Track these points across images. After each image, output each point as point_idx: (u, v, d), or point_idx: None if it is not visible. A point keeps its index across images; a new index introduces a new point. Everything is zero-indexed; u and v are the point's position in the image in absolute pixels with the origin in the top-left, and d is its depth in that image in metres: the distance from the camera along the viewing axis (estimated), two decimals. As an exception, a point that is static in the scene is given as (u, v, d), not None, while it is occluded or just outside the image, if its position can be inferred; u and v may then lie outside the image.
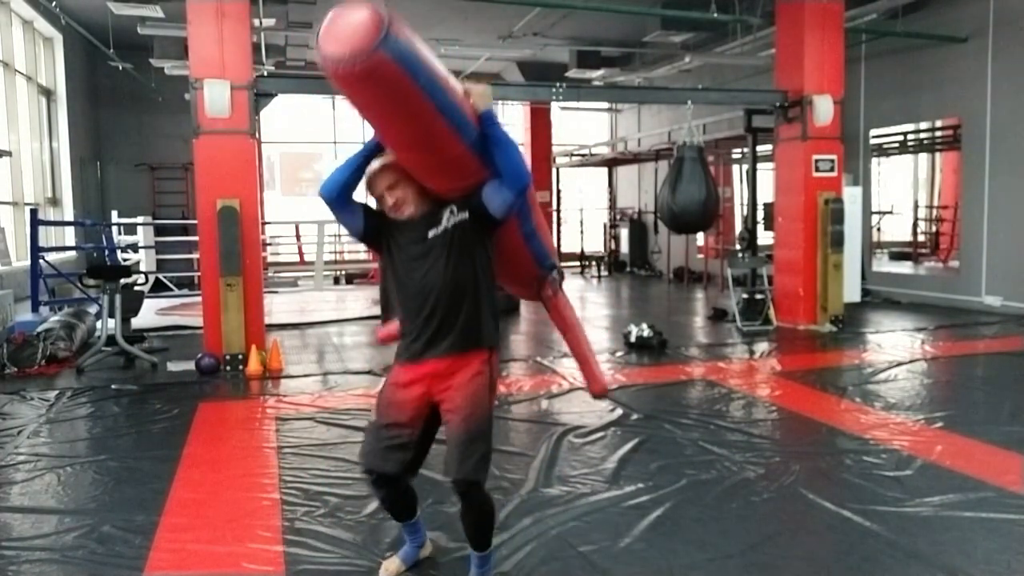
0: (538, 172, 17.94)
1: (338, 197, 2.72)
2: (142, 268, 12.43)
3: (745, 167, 11.85)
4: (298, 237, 16.29)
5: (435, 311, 2.66)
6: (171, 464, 4.34)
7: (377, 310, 7.38)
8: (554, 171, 17.87)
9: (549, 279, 3.05)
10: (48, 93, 12.52)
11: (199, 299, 7.48)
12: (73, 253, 11.42)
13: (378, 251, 2.82)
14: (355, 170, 2.70)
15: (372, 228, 2.77)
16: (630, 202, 17.41)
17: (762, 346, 7.83)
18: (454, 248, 2.64)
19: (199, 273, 7.62)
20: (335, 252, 16.78)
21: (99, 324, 7.37)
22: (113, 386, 6.27)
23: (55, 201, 12.64)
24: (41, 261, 8.91)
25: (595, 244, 18.10)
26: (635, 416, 5.19)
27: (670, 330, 8.28)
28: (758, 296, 9.27)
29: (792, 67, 8.92)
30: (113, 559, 3.17)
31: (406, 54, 2.23)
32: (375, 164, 2.66)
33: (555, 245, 3.23)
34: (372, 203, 2.81)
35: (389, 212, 2.70)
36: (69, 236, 11.47)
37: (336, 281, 14.81)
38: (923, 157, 16.57)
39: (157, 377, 6.71)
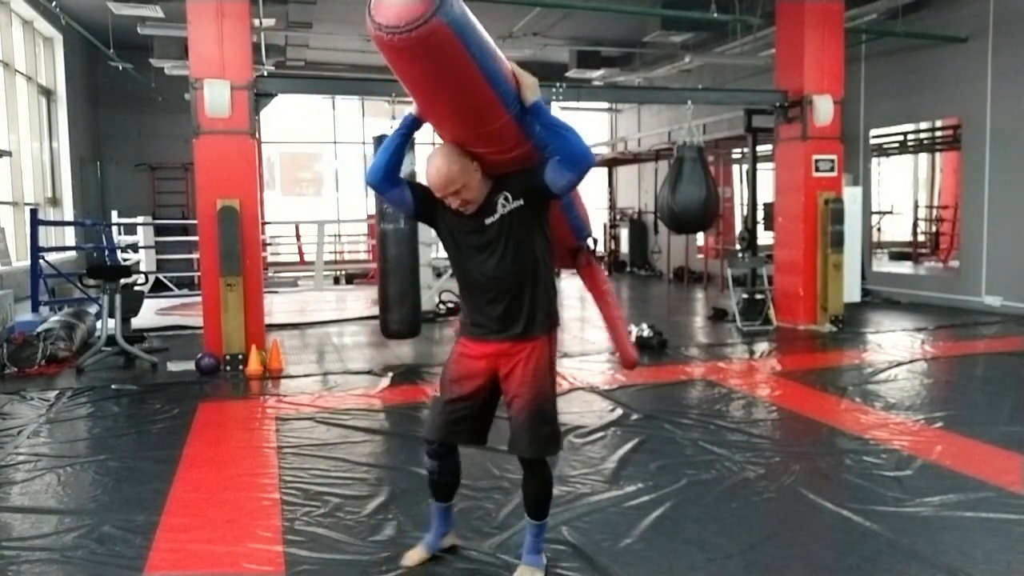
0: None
1: (382, 181, 2.75)
2: (142, 268, 12.44)
3: (745, 167, 11.85)
4: (298, 237, 16.29)
5: (496, 299, 2.74)
6: (171, 464, 4.34)
7: (377, 310, 7.36)
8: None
9: (585, 249, 3.26)
10: (48, 93, 12.52)
11: (199, 299, 7.48)
12: (73, 253, 11.42)
13: (433, 227, 2.85)
14: (395, 151, 2.73)
15: (423, 207, 2.80)
16: (630, 202, 17.41)
17: (762, 346, 7.83)
18: (512, 236, 2.69)
19: (199, 273, 7.62)
20: (335, 252, 16.78)
21: (99, 324, 7.37)
22: (113, 386, 6.26)
23: (55, 201, 12.64)
24: (41, 261, 8.91)
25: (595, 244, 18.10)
26: (635, 416, 5.19)
27: (670, 330, 8.28)
28: (758, 296, 9.27)
29: (792, 67, 8.92)
30: (113, 559, 3.16)
31: (460, 21, 2.21)
32: (438, 168, 2.61)
33: (588, 216, 3.32)
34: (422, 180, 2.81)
35: (455, 208, 2.72)
36: (69, 236, 11.47)
37: (336, 281, 14.80)
38: (923, 157, 16.57)
39: (157, 377, 6.71)
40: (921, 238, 16.01)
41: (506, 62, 2.58)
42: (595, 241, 3.60)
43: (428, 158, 2.68)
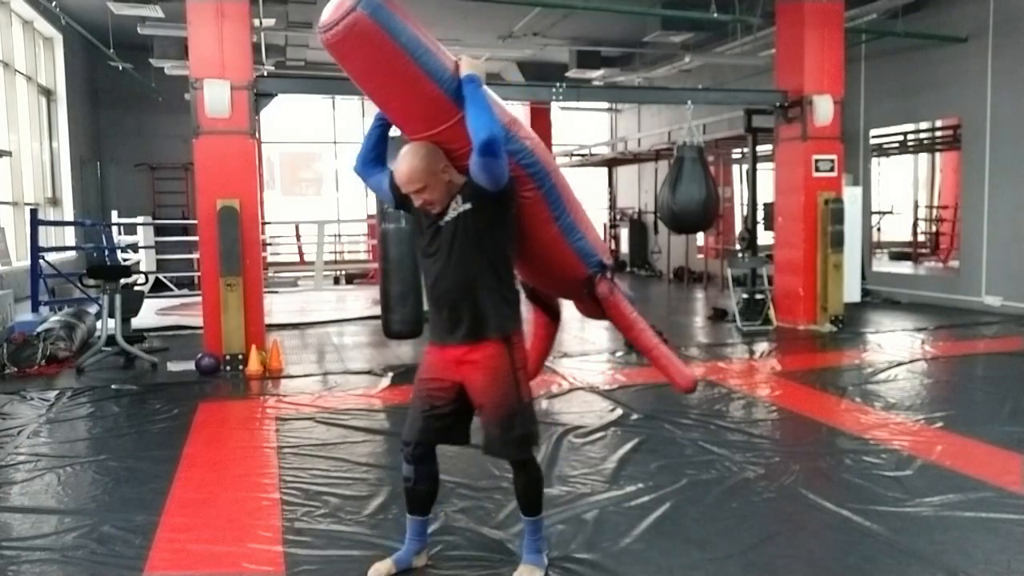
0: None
1: (361, 168, 2.86)
2: (142, 268, 12.45)
3: (745, 167, 11.85)
4: (298, 237, 16.29)
5: (445, 301, 2.72)
6: (171, 464, 4.34)
7: (377, 310, 7.37)
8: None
9: (600, 277, 2.92)
10: (48, 93, 12.52)
11: (199, 299, 7.48)
12: (73, 253, 11.42)
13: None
14: (372, 139, 2.82)
15: (400, 195, 2.79)
16: (630, 202, 17.41)
17: (762, 346, 7.83)
18: (458, 239, 2.65)
19: (199, 273, 7.62)
20: (335, 252, 16.78)
21: (99, 324, 7.37)
22: (113, 386, 6.26)
23: (55, 201, 12.64)
24: (41, 261, 8.91)
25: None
26: (635, 416, 5.19)
27: (670, 330, 8.27)
28: (758, 296, 9.27)
29: (792, 67, 8.92)
30: (113, 559, 3.16)
31: (383, 13, 2.39)
32: (401, 165, 2.63)
33: (604, 242, 3.11)
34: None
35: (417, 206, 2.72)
36: (69, 236, 11.47)
37: (336, 281, 14.80)
38: (923, 157, 16.57)
39: (157, 377, 6.71)
40: (921, 238, 16.01)
41: (450, 58, 2.59)
42: (611, 269, 3.03)
43: (400, 154, 2.68)
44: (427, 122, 2.60)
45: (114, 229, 12.28)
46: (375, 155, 2.82)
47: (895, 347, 7.57)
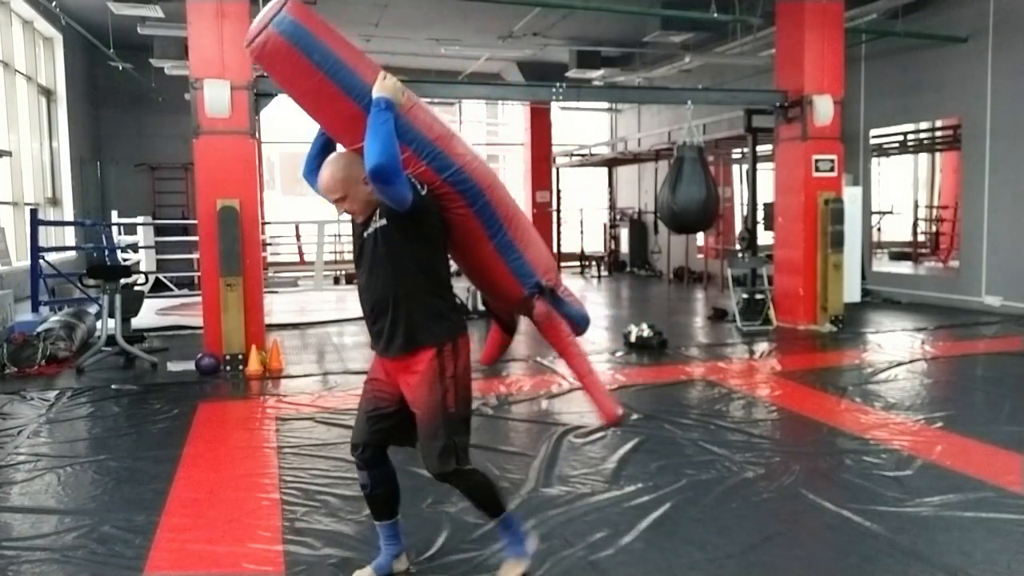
0: (538, 172, 17.97)
1: (307, 175, 2.92)
2: (142, 268, 12.44)
3: (745, 167, 11.85)
4: (298, 237, 16.29)
5: (372, 312, 2.73)
6: (171, 464, 4.34)
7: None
8: (554, 171, 17.87)
9: (538, 298, 2.85)
10: (48, 93, 12.52)
11: (199, 299, 7.48)
12: (73, 253, 11.42)
13: None
14: (318, 148, 2.90)
15: None
16: (630, 202, 17.41)
17: (762, 346, 7.83)
18: (379, 253, 2.65)
19: (199, 273, 7.62)
20: (335, 252, 16.77)
21: (99, 324, 7.37)
22: (113, 386, 6.27)
23: (55, 201, 12.64)
24: (41, 261, 8.90)
25: (595, 244, 18.10)
26: (635, 416, 5.19)
27: (670, 330, 8.28)
28: (758, 296, 9.27)
29: (792, 67, 8.92)
30: (113, 559, 3.17)
31: (294, 32, 2.50)
32: (323, 174, 2.66)
33: (550, 258, 3.00)
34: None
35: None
36: (69, 236, 11.47)
37: (336, 281, 14.80)
38: (923, 157, 16.57)
39: (157, 377, 6.71)
40: (921, 238, 16.01)
41: (376, 73, 2.61)
42: (548, 292, 2.92)
43: (324, 162, 2.72)
44: (351, 137, 2.63)
45: (114, 229, 12.27)
46: (319, 163, 2.81)
47: (895, 347, 7.57)
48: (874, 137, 12.02)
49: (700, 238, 14.30)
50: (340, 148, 2.83)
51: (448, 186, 2.67)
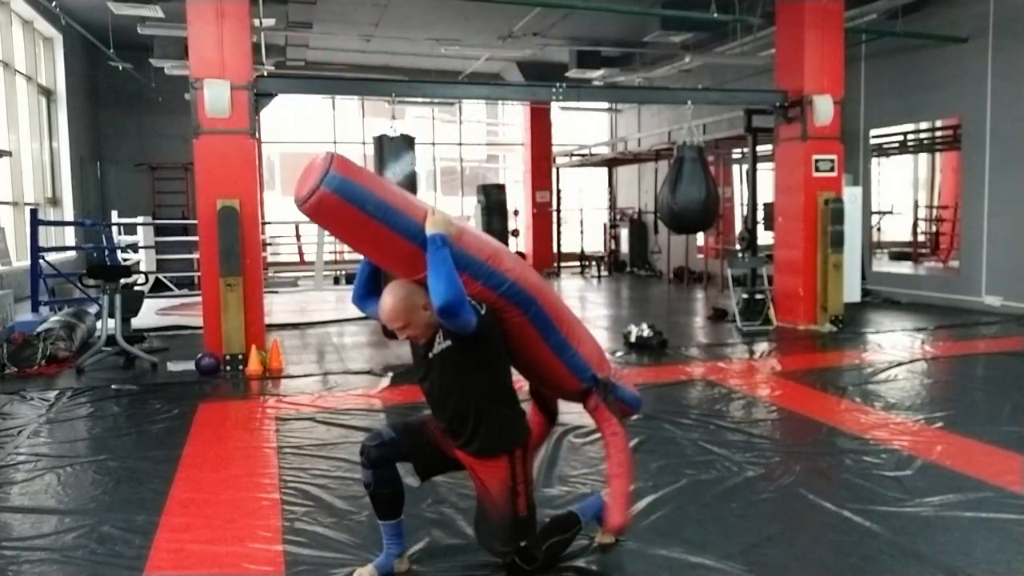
0: (538, 172, 17.98)
1: (359, 302, 3.02)
2: (142, 268, 12.44)
3: (745, 167, 11.85)
4: (298, 237, 16.27)
5: (443, 419, 2.85)
6: (171, 464, 4.34)
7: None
8: (554, 171, 17.88)
9: (593, 391, 3.07)
10: (48, 93, 12.52)
11: (199, 299, 7.48)
12: (73, 253, 11.42)
13: None
14: (367, 276, 2.96)
15: None
16: (630, 202, 17.41)
17: (762, 346, 7.83)
18: (445, 373, 2.76)
19: (199, 273, 7.62)
20: (335, 252, 16.77)
21: (99, 324, 7.37)
22: (113, 386, 6.26)
23: (55, 201, 12.64)
24: (41, 261, 8.91)
25: (595, 244, 18.10)
26: (635, 416, 5.17)
27: (670, 330, 8.28)
28: (758, 296, 9.27)
29: (792, 67, 8.92)
30: (113, 559, 3.17)
31: (344, 189, 2.56)
32: (384, 303, 2.72)
33: (601, 350, 3.27)
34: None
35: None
36: (69, 236, 11.47)
37: (336, 281, 14.79)
38: (923, 157, 16.57)
39: (157, 377, 6.71)
40: (921, 238, 16.01)
41: (421, 209, 2.71)
42: (603, 384, 3.17)
43: (384, 290, 2.79)
44: (407, 271, 2.73)
45: (114, 229, 12.27)
46: (369, 289, 2.96)
47: (895, 347, 7.57)
48: (874, 137, 12.02)
49: (700, 238, 14.29)
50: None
51: (504, 300, 2.80)
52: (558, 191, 17.83)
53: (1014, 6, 9.24)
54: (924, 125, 13.71)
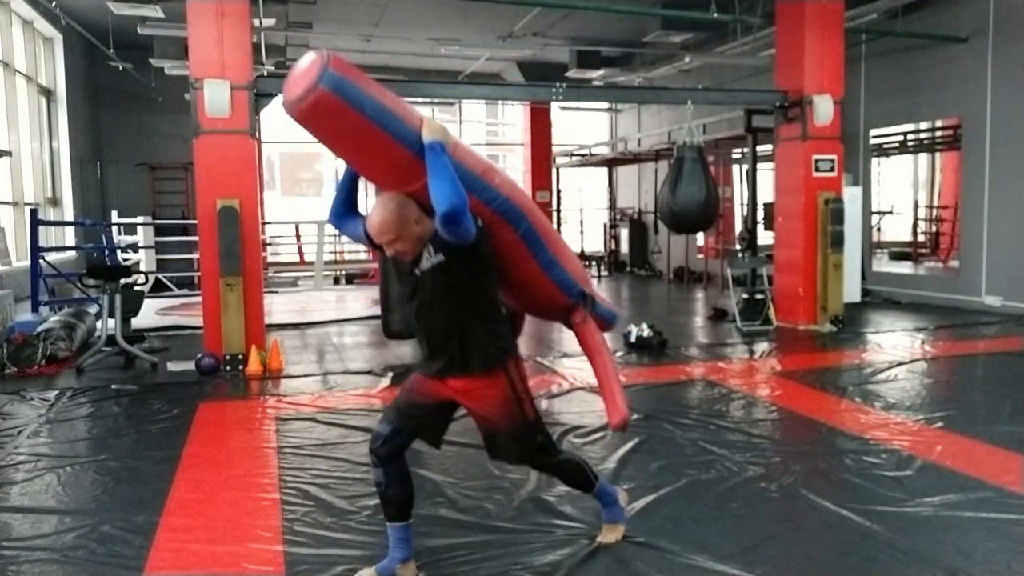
0: (538, 172, 17.97)
1: (335, 219, 2.93)
2: (142, 268, 12.44)
3: (745, 167, 11.85)
4: (298, 237, 16.29)
5: (431, 340, 2.80)
6: (171, 464, 4.34)
7: (377, 310, 7.37)
8: (554, 171, 17.88)
9: (579, 306, 3.06)
10: (48, 93, 12.52)
11: (199, 299, 7.48)
12: (73, 253, 11.42)
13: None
14: (346, 192, 2.87)
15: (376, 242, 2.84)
16: (630, 202, 17.41)
17: (762, 346, 7.83)
18: (438, 288, 2.70)
19: (199, 273, 7.62)
20: (335, 252, 16.78)
21: (99, 324, 7.37)
22: (113, 386, 6.26)
23: (55, 201, 12.64)
24: (41, 261, 8.90)
25: (595, 244, 18.10)
26: (635, 416, 5.18)
27: (670, 330, 8.28)
28: (758, 296, 9.27)
29: (792, 67, 8.92)
30: (113, 559, 3.16)
31: (343, 88, 2.42)
32: (374, 216, 2.66)
33: (583, 268, 3.23)
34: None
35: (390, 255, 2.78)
36: (69, 236, 11.47)
37: (336, 281, 14.80)
38: (923, 157, 16.57)
39: (157, 377, 6.71)
40: (921, 238, 16.01)
41: (417, 117, 2.63)
42: (589, 299, 3.19)
43: (373, 204, 2.73)
44: (400, 183, 2.66)
45: (114, 229, 12.27)
46: (347, 206, 2.88)
47: (895, 347, 7.57)
48: (874, 137, 12.02)
49: (700, 238, 14.29)
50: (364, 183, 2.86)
51: (497, 215, 2.76)
52: (558, 191, 17.83)
53: (1014, 6, 9.24)
54: (924, 125, 13.72)
